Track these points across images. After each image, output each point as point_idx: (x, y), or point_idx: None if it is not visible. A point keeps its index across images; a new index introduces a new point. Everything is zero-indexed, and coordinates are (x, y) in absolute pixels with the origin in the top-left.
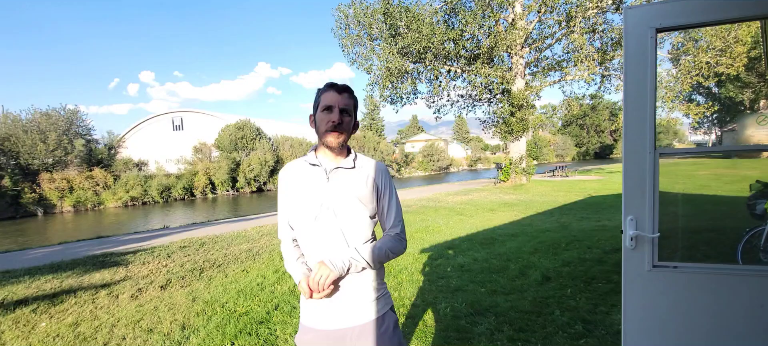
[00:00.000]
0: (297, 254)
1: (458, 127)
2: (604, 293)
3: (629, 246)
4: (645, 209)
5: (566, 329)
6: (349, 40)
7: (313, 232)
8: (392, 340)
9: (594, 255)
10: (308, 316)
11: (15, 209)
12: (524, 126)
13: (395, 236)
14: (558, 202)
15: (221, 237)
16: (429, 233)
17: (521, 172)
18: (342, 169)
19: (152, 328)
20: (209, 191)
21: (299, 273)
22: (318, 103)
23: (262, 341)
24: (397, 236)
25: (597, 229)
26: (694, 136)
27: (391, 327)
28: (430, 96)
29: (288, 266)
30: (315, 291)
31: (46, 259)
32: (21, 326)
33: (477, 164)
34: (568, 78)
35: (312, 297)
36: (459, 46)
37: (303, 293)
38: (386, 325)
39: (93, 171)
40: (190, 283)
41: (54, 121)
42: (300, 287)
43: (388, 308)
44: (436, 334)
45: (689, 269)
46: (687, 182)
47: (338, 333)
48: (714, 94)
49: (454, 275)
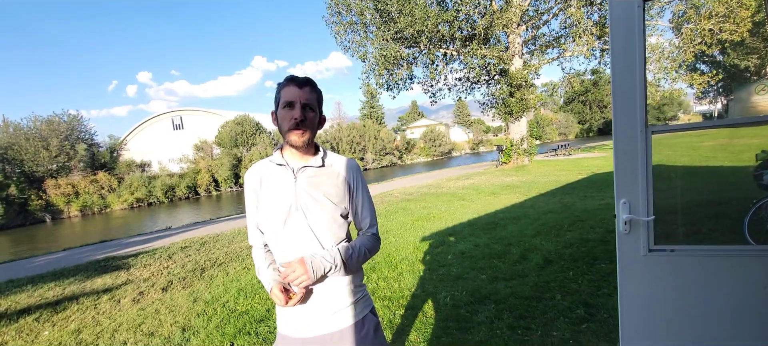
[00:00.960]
0: (269, 261)
1: (459, 111)
2: (606, 274)
3: (623, 231)
4: (638, 191)
5: (567, 314)
6: (341, 27)
7: (283, 235)
8: (374, 344)
9: (597, 235)
10: (284, 324)
11: (24, 216)
12: (524, 106)
13: (371, 236)
14: (561, 181)
15: (222, 235)
16: (430, 220)
17: (523, 153)
18: (310, 168)
19: (153, 331)
20: (213, 188)
21: (270, 280)
22: (278, 99)
23: (261, 340)
24: (373, 236)
25: (600, 208)
26: (699, 107)
27: (372, 330)
28: (426, 81)
29: (259, 273)
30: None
31: (50, 266)
32: (24, 336)
33: (479, 147)
34: (567, 54)
35: (287, 305)
36: (454, 27)
37: (276, 301)
38: (366, 328)
39: (97, 175)
40: (191, 283)
41: (55, 127)
42: (272, 295)
43: (368, 311)
44: (436, 324)
45: (686, 251)
46: (692, 154)
47: (317, 340)
48: (718, 62)
49: (455, 263)
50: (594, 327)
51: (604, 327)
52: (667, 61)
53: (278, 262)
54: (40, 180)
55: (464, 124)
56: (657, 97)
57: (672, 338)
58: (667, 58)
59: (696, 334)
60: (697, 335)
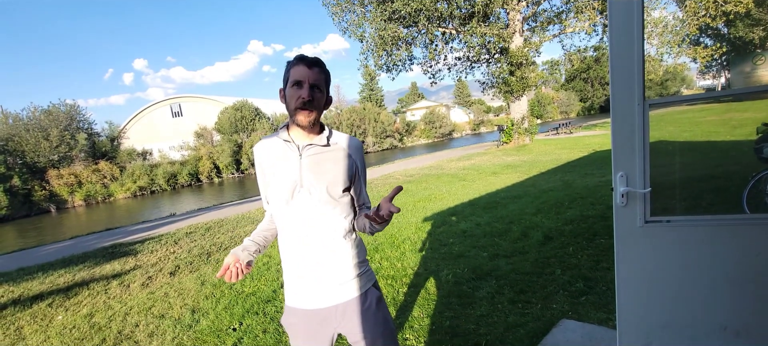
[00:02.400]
0: (262, 229)
1: (459, 92)
2: (606, 248)
3: (620, 203)
4: (635, 164)
5: (567, 288)
6: (339, 7)
7: (287, 211)
8: (376, 316)
9: (597, 211)
10: (291, 296)
11: (28, 206)
12: (525, 85)
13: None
14: (562, 160)
15: (226, 220)
16: (431, 201)
17: (524, 132)
18: (315, 146)
19: (163, 314)
20: (214, 175)
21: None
22: (287, 77)
23: (268, 320)
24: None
25: (601, 184)
26: (702, 82)
27: (374, 303)
28: (426, 61)
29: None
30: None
31: (59, 254)
32: (39, 321)
33: (480, 128)
34: (568, 30)
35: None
36: (452, 5)
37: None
38: (369, 301)
39: (99, 164)
40: (198, 267)
41: (55, 117)
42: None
43: (371, 285)
44: (438, 300)
45: (682, 222)
46: (694, 129)
47: (322, 313)
48: (722, 34)
49: (457, 242)
50: (593, 299)
51: (603, 299)
52: (670, 35)
53: (283, 237)
54: (43, 171)
55: (465, 104)
56: (660, 72)
57: (668, 306)
58: (670, 32)
59: (692, 302)
60: (692, 303)
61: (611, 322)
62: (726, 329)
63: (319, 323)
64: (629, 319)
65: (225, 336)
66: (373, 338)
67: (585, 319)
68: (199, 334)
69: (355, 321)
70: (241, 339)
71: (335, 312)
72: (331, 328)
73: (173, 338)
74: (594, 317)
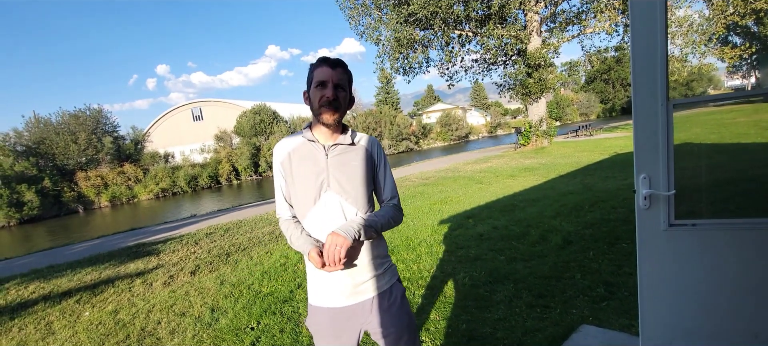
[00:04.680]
0: (300, 228)
1: (476, 94)
2: (628, 253)
3: (643, 206)
4: (659, 165)
5: (587, 293)
6: (355, 11)
7: (315, 211)
8: (401, 310)
9: (619, 215)
10: (317, 296)
11: (58, 207)
12: (543, 86)
13: (393, 206)
14: (582, 162)
15: (245, 221)
16: (447, 203)
17: (542, 134)
18: (341, 146)
19: (185, 312)
20: (234, 177)
21: (306, 245)
22: (311, 79)
23: (285, 319)
24: (396, 206)
25: (623, 188)
26: (731, 82)
27: (399, 298)
28: (442, 63)
29: (293, 241)
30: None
31: (86, 253)
32: (67, 316)
33: (497, 130)
34: (588, 31)
35: (323, 267)
36: (469, 7)
37: (314, 263)
38: (394, 296)
39: (123, 166)
40: (217, 267)
41: (82, 121)
42: (310, 258)
43: (395, 280)
44: (455, 303)
45: (708, 225)
46: (721, 131)
47: (350, 310)
48: (752, 33)
49: (473, 245)
50: (614, 305)
51: (625, 305)
52: (695, 34)
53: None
54: (72, 173)
55: (481, 107)
56: (684, 73)
57: (693, 313)
58: (696, 30)
59: (718, 309)
60: (719, 309)
61: (634, 328)
62: (757, 336)
63: (346, 320)
64: (652, 325)
65: (243, 335)
66: (399, 332)
67: (606, 325)
68: (219, 332)
69: (382, 316)
70: (259, 338)
71: (363, 308)
72: (359, 325)
73: (194, 336)
74: (616, 323)
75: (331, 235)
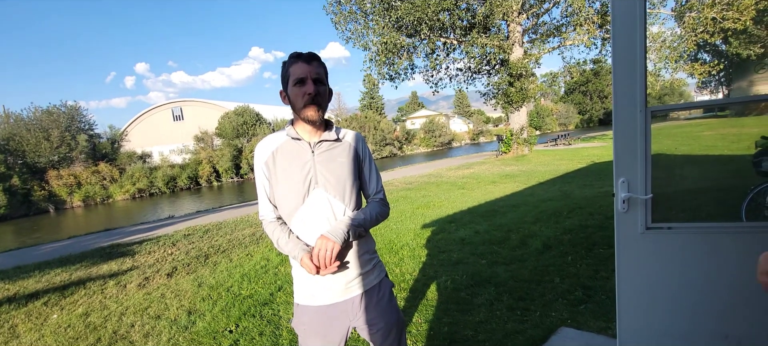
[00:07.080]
0: (288, 231)
1: (459, 101)
2: (605, 258)
3: (621, 209)
4: (637, 170)
5: (566, 296)
6: (341, 17)
7: (303, 209)
8: (390, 305)
9: (596, 221)
10: (304, 295)
11: (27, 206)
12: (524, 96)
13: (380, 200)
14: (560, 171)
15: (225, 223)
16: (430, 208)
17: (523, 142)
18: (326, 143)
19: (160, 314)
20: (214, 179)
21: (297, 250)
22: (287, 76)
23: (265, 322)
24: (382, 201)
25: (600, 195)
26: (700, 97)
27: (388, 293)
28: (427, 70)
29: (281, 245)
30: (321, 268)
31: (56, 253)
32: (33, 319)
33: (479, 138)
34: (568, 43)
35: (318, 273)
36: (454, 15)
37: (308, 269)
38: (383, 292)
39: (98, 166)
40: (195, 269)
41: (55, 118)
42: (303, 264)
43: (383, 275)
44: (437, 306)
45: (684, 228)
46: (692, 143)
47: (339, 307)
48: (720, 51)
49: (455, 249)
50: (592, 307)
51: (602, 308)
52: (668, 50)
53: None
54: (43, 171)
55: (464, 114)
56: (657, 87)
57: (668, 314)
58: (668, 47)
59: (693, 310)
60: (693, 310)
61: (610, 330)
62: (727, 337)
63: (334, 318)
64: (629, 326)
65: (221, 338)
66: (388, 327)
67: (584, 327)
68: (195, 335)
69: (371, 311)
70: (238, 341)
71: (352, 305)
72: (347, 322)
73: (169, 339)
74: (593, 325)
75: (320, 239)
